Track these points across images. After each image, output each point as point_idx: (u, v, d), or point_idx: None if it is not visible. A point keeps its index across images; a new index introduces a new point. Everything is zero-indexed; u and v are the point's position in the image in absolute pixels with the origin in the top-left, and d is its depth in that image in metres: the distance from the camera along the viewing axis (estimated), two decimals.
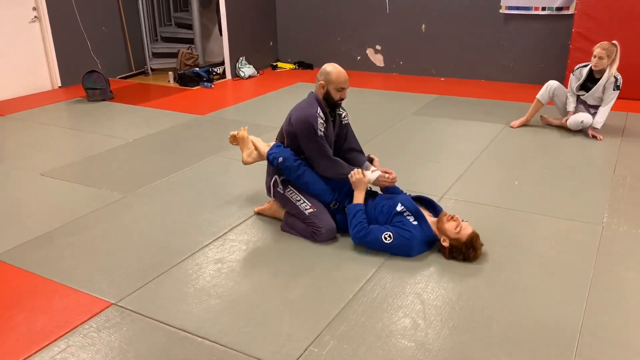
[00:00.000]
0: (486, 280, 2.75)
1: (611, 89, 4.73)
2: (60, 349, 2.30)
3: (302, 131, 3.12)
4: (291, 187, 3.22)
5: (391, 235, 2.93)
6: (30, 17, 6.76)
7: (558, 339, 2.32)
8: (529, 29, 6.79)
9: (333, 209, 3.20)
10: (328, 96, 3.16)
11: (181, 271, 2.87)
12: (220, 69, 7.73)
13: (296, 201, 3.18)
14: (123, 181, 4.06)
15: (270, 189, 3.33)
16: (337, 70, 3.14)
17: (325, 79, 3.13)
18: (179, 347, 2.30)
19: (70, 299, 2.64)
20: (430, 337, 2.33)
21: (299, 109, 3.20)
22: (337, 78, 3.12)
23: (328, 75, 3.12)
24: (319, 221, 3.11)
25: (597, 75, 4.81)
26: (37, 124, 5.61)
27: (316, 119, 3.10)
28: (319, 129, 3.10)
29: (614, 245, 3.06)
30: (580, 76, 4.89)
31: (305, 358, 2.22)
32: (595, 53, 4.70)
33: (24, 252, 3.07)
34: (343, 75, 3.14)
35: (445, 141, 4.93)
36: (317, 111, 3.12)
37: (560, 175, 4.09)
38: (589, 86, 4.85)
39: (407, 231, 2.95)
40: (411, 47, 7.57)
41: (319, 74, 3.17)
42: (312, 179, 3.18)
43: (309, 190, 3.19)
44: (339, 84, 3.13)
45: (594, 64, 4.72)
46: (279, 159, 3.21)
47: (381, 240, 2.93)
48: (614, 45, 4.67)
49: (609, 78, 4.70)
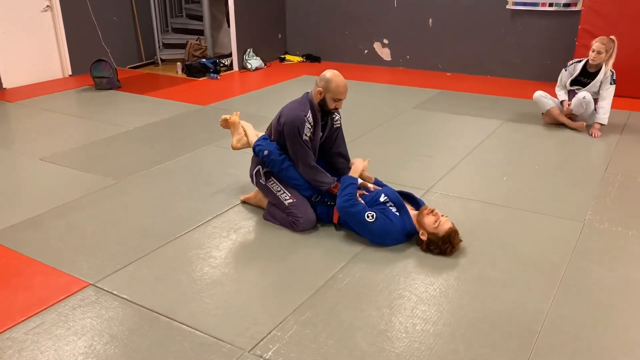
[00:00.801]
0: (458, 274, 2.78)
1: (608, 83, 4.73)
2: (35, 324, 2.40)
3: (288, 132, 3.14)
4: (273, 179, 3.27)
5: (374, 215, 2.96)
6: (42, 6, 6.91)
7: (519, 332, 2.34)
8: (536, 25, 6.73)
9: (315, 202, 3.25)
10: (323, 103, 3.14)
11: (160, 255, 2.96)
12: (227, 61, 7.81)
13: (277, 192, 3.24)
14: (117, 168, 4.16)
15: (252, 178, 3.39)
16: (338, 80, 3.08)
17: (325, 86, 3.08)
18: (148, 327, 2.38)
19: (50, 278, 2.74)
20: (393, 326, 2.38)
21: (290, 109, 3.20)
22: (336, 88, 3.07)
23: (328, 83, 3.07)
24: (298, 211, 3.16)
25: (591, 69, 4.80)
26: (44, 110, 5.76)
27: (304, 124, 3.10)
28: (305, 133, 3.12)
29: (591, 242, 3.06)
30: (574, 71, 4.88)
31: (267, 341, 2.28)
32: (593, 47, 4.69)
33: (12, 233, 3.19)
34: (343, 87, 3.09)
35: (441, 136, 4.94)
36: (306, 115, 3.12)
37: (551, 171, 4.08)
38: (584, 81, 4.83)
39: (389, 219, 2.99)
40: (418, 41, 7.56)
41: (318, 79, 3.12)
42: (294, 175, 3.22)
43: (290, 184, 3.24)
44: (337, 94, 3.09)
45: (591, 58, 4.71)
46: (264, 152, 3.26)
47: (363, 218, 2.96)
48: (612, 41, 4.67)
49: (606, 73, 4.69)
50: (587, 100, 4.77)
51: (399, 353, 2.21)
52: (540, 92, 5.11)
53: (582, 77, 4.84)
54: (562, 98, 4.99)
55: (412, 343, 2.27)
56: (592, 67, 4.78)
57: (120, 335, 2.33)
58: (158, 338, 2.31)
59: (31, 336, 2.33)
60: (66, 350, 2.24)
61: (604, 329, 2.36)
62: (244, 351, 2.23)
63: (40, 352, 2.23)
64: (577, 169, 4.15)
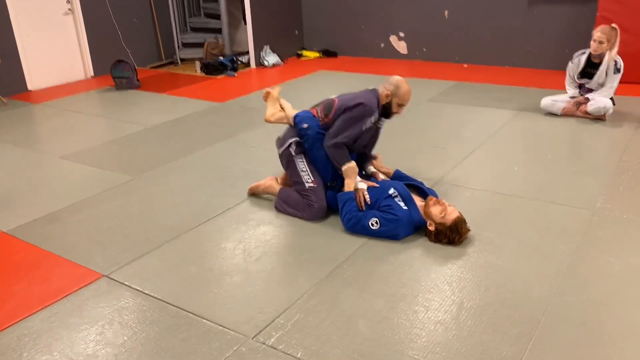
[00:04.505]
0: (463, 262, 2.79)
1: (612, 72, 4.68)
2: (51, 313, 2.51)
3: (357, 112, 3.22)
4: (303, 157, 3.34)
5: (378, 221, 3.02)
6: (64, 10, 7.11)
7: (522, 319, 2.35)
8: (553, 13, 6.63)
9: (330, 186, 3.32)
10: (388, 105, 3.29)
11: (172, 248, 3.04)
12: (245, 58, 7.90)
13: (301, 170, 3.32)
14: (134, 164, 4.28)
15: (283, 144, 3.40)
16: (407, 88, 3.27)
17: (394, 91, 3.25)
18: (157, 316, 2.46)
19: (66, 270, 2.85)
20: (395, 314, 2.41)
21: (367, 99, 3.28)
22: (404, 95, 3.26)
23: (398, 89, 3.25)
24: (315, 197, 3.24)
25: (595, 59, 4.75)
26: (66, 111, 5.93)
27: (372, 115, 3.25)
28: (366, 123, 3.23)
29: (600, 230, 3.04)
30: (579, 63, 4.84)
31: (270, 329, 2.34)
32: (595, 37, 4.64)
33: (32, 228, 3.32)
34: (409, 95, 3.29)
35: (454, 127, 4.93)
36: (375, 111, 3.26)
37: (564, 160, 4.04)
38: (590, 72, 4.79)
39: (394, 215, 3.02)
40: (434, 34, 7.52)
41: (388, 83, 3.29)
42: (322, 156, 3.29)
43: (315, 163, 3.32)
44: (404, 101, 3.28)
45: (593, 48, 4.65)
46: (304, 125, 3.32)
47: (368, 226, 3.03)
48: (614, 30, 4.62)
49: (609, 62, 4.61)
50: (606, 109, 4.74)
51: (399, 339, 2.25)
52: (546, 100, 5.07)
53: (588, 68, 4.79)
54: (572, 94, 4.94)
55: (412, 329, 2.30)
56: (596, 58, 4.74)
57: (130, 323, 2.42)
58: (166, 326, 2.39)
59: (47, 324, 2.43)
60: (78, 337, 2.34)
61: (607, 317, 2.35)
62: (247, 338, 2.29)
63: (55, 340, 2.33)
64: (591, 157, 4.11)
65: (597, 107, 4.76)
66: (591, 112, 4.81)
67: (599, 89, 4.81)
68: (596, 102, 4.77)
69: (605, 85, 4.76)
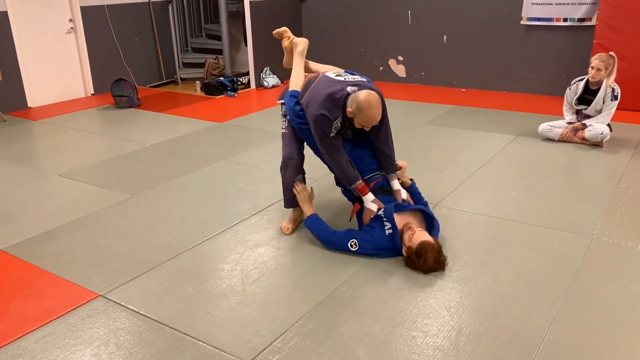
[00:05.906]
0: (462, 287, 2.78)
1: (609, 99, 4.75)
2: (45, 333, 2.48)
3: (313, 129, 3.08)
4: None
5: (356, 243, 3.07)
6: (66, 28, 7.16)
7: (520, 346, 2.33)
8: (551, 40, 6.72)
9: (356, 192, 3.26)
10: (351, 120, 3.05)
11: (169, 268, 3.02)
12: (245, 79, 7.95)
13: (282, 116, 3.40)
14: (132, 183, 4.27)
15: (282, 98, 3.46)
16: (369, 112, 2.96)
17: (355, 112, 2.96)
18: (153, 337, 2.44)
19: (62, 289, 2.83)
20: (393, 339, 2.39)
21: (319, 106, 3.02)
22: (365, 120, 2.98)
23: (359, 111, 2.95)
24: (283, 143, 3.37)
25: (592, 86, 4.82)
26: (66, 128, 5.94)
27: (330, 126, 3.03)
28: (332, 132, 3.06)
29: (599, 256, 3.03)
30: (577, 90, 4.91)
31: (267, 352, 2.32)
32: (592, 64, 4.72)
33: (28, 246, 3.30)
34: (372, 119, 2.99)
35: (452, 151, 4.95)
36: (335, 120, 3.03)
37: (562, 186, 4.05)
38: (588, 98, 4.86)
39: (371, 238, 3.05)
40: (433, 58, 7.60)
41: (352, 99, 2.97)
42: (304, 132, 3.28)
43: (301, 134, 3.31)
44: (363, 123, 3.02)
45: (591, 75, 4.72)
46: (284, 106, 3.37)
47: (348, 247, 3.09)
48: (611, 57, 4.71)
49: (607, 89, 4.68)
50: (604, 135, 4.79)
51: None
52: (543, 126, 5.12)
53: (585, 94, 4.87)
54: (570, 119, 4.99)
55: (411, 355, 2.28)
56: (594, 85, 4.81)
57: (125, 344, 2.39)
58: (162, 348, 2.36)
59: (40, 345, 2.40)
60: (73, 358, 2.31)
61: (606, 344, 2.33)
62: None
63: None
64: (588, 183, 4.12)
65: (594, 133, 4.80)
66: (588, 138, 4.86)
67: (596, 116, 4.86)
68: (594, 129, 4.82)
69: (602, 112, 4.82)
